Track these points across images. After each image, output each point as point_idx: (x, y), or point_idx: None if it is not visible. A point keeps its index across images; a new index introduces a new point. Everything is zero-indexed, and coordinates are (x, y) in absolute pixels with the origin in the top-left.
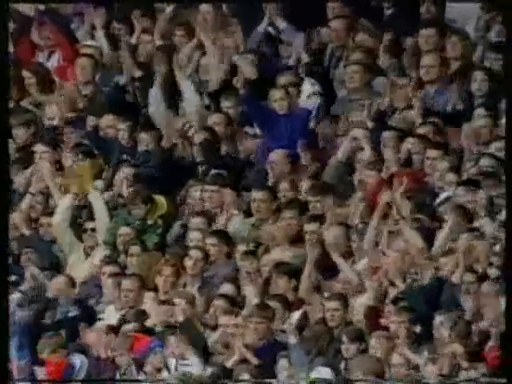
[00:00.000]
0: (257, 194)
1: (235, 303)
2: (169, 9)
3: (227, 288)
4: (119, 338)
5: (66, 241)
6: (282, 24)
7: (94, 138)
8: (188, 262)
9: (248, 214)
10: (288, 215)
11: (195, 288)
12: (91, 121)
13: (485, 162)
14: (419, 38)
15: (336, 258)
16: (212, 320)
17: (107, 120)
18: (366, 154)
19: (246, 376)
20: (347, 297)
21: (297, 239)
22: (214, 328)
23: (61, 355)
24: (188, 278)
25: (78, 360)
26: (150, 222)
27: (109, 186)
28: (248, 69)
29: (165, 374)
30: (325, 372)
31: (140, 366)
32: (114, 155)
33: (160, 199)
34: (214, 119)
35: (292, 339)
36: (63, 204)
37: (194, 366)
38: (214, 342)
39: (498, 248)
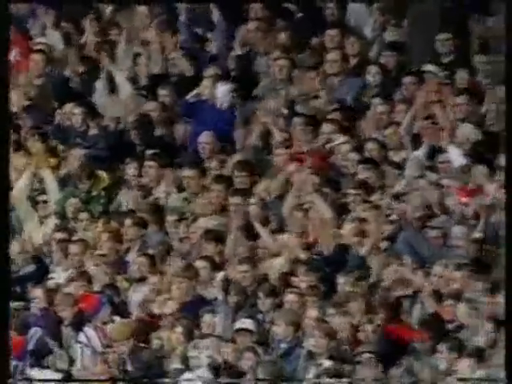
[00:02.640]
0: (187, 172)
1: (154, 263)
2: (108, 10)
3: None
4: (63, 295)
5: (24, 210)
6: (216, 16)
7: (51, 124)
8: (124, 229)
9: (181, 188)
10: (216, 189)
11: (134, 251)
12: (52, 108)
13: (368, 145)
14: (325, 37)
15: (257, 226)
16: (135, 274)
17: (66, 108)
18: (276, 136)
19: (179, 328)
20: (256, 260)
21: (222, 210)
22: (139, 281)
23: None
24: (129, 243)
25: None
26: (94, 194)
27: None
28: (184, 64)
29: (110, 326)
30: (248, 323)
31: (88, 320)
32: (70, 138)
33: (102, 174)
34: (149, 106)
35: (219, 296)
36: (22, 179)
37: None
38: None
39: (392, 218)
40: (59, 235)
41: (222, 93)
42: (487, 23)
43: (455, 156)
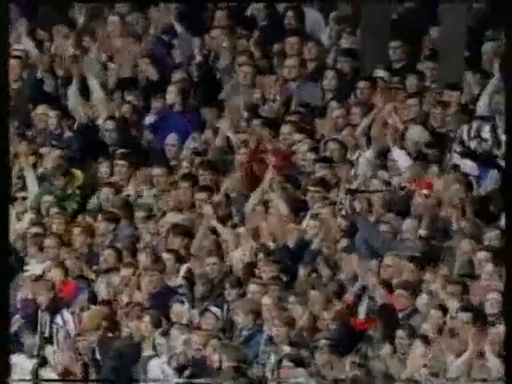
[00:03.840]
0: (156, 171)
1: (121, 257)
2: (81, 19)
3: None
4: (41, 281)
5: None
6: (179, 29)
7: (28, 125)
8: (97, 224)
9: (152, 186)
10: (183, 186)
11: (106, 245)
12: (27, 111)
13: (330, 145)
14: (285, 45)
15: (214, 223)
16: (103, 265)
17: (39, 109)
18: (233, 138)
19: (146, 318)
20: (223, 253)
21: (189, 205)
22: (106, 272)
23: None
24: (101, 238)
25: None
26: (69, 192)
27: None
28: (150, 70)
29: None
30: (215, 310)
31: (66, 305)
32: (46, 139)
33: (77, 172)
34: (121, 109)
35: (183, 285)
36: None
37: None
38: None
39: (343, 213)
40: (34, 230)
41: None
42: (434, 32)
43: (398, 156)
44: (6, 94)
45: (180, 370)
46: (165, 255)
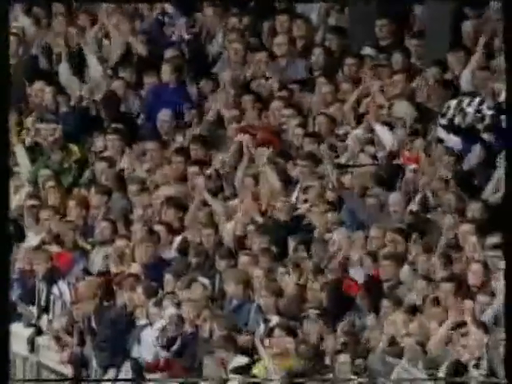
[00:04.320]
0: (149, 145)
1: (116, 228)
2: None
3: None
4: (38, 251)
5: None
6: (170, 8)
7: (24, 100)
8: (90, 197)
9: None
10: (176, 160)
11: (100, 217)
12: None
13: (319, 119)
14: (276, 22)
15: (205, 195)
16: (98, 237)
17: (35, 85)
18: (225, 113)
19: (139, 289)
20: (218, 224)
21: (182, 178)
22: (101, 244)
23: None
24: (95, 210)
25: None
26: (65, 166)
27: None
28: (140, 47)
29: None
30: (203, 281)
31: (62, 276)
32: (42, 114)
33: (74, 147)
34: (115, 85)
35: (176, 256)
36: None
37: None
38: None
39: (330, 186)
40: (31, 202)
41: None
42: (420, 10)
43: (382, 133)
44: (6, 69)
45: (169, 342)
46: (157, 227)
